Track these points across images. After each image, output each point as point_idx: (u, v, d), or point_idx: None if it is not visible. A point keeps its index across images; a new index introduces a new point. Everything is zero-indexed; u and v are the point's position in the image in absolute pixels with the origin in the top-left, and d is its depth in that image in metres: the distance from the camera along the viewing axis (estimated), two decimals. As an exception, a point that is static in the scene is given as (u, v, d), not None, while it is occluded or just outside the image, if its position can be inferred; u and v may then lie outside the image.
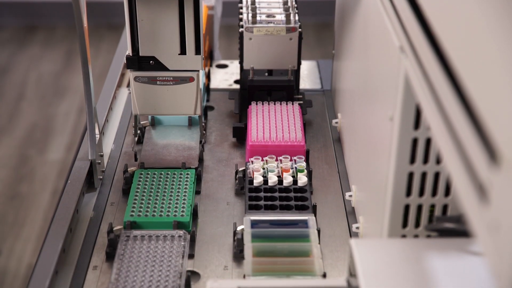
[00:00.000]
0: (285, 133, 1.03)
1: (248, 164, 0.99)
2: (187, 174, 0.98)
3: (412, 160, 0.71)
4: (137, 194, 0.94)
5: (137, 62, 0.97)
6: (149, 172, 0.98)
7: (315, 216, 0.90)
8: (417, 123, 0.69)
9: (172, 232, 0.87)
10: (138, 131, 1.07)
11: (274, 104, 1.11)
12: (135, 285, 0.79)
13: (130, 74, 0.98)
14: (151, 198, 0.93)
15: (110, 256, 0.86)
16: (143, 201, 0.92)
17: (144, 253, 0.84)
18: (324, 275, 0.80)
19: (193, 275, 0.84)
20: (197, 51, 0.97)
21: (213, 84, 1.30)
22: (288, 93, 1.14)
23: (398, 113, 0.69)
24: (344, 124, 1.08)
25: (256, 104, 1.11)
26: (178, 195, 0.93)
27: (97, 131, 1.00)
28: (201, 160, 1.06)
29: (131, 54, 0.97)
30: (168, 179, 0.97)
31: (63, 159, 2.23)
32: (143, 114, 1.02)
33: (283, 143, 1.01)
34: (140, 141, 1.08)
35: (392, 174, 0.72)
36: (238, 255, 0.87)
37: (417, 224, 0.75)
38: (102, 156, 1.01)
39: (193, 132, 1.10)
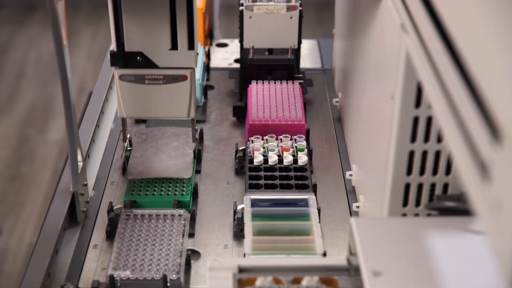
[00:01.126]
0: (285, 112, 1.03)
1: (248, 143, 0.98)
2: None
3: (413, 138, 0.71)
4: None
5: (122, 58, 0.86)
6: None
7: (315, 195, 0.90)
8: (418, 102, 0.69)
9: (172, 211, 0.87)
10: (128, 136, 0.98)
11: (275, 83, 1.10)
12: (136, 264, 0.79)
13: (115, 72, 0.87)
14: (151, 178, 0.93)
15: (110, 235, 0.86)
16: (143, 180, 0.92)
17: (144, 232, 0.84)
18: (324, 254, 0.80)
19: (193, 253, 0.84)
20: (190, 46, 0.85)
21: (213, 63, 1.29)
22: (288, 72, 1.14)
23: (399, 92, 0.68)
24: (345, 103, 1.08)
25: (256, 83, 1.11)
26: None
27: (80, 158, 0.89)
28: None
29: (115, 50, 0.86)
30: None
31: (63, 139, 2.22)
32: (129, 117, 0.91)
33: (283, 122, 1.01)
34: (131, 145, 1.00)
35: (393, 152, 0.72)
36: (238, 234, 0.87)
37: (417, 203, 0.75)
38: (86, 185, 0.92)
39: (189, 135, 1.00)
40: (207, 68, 1.24)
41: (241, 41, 1.13)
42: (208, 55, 1.26)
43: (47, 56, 2.73)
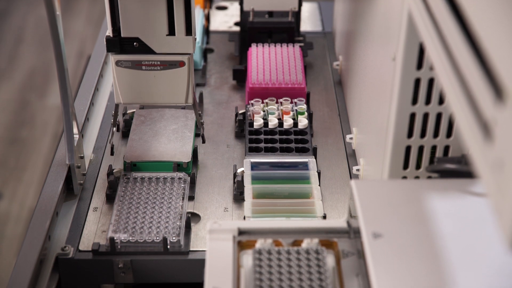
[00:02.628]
0: (285, 75, 1.02)
1: (248, 106, 0.98)
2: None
3: (414, 101, 0.70)
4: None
5: (118, 44, 0.83)
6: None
7: (316, 158, 0.90)
8: (419, 63, 0.68)
9: (172, 174, 0.87)
10: (119, 121, 0.97)
11: (275, 46, 1.09)
12: (136, 226, 0.79)
13: (112, 58, 0.85)
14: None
15: (110, 198, 0.86)
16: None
17: (144, 195, 0.84)
18: (324, 217, 0.81)
19: (193, 216, 0.84)
20: (188, 32, 0.83)
21: (213, 26, 1.28)
22: (288, 35, 1.13)
23: (401, 53, 0.68)
24: (345, 66, 1.07)
25: (256, 46, 1.10)
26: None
27: (75, 131, 0.86)
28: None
29: (111, 35, 0.83)
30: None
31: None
32: (127, 103, 0.88)
33: (283, 85, 1.00)
34: (125, 135, 0.98)
35: (394, 115, 0.71)
36: (238, 197, 0.87)
37: (418, 166, 0.74)
38: (82, 158, 0.90)
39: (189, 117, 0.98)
40: (206, 31, 1.22)
41: (241, 4, 1.12)
42: (207, 18, 1.24)
43: (46, 21, 2.70)
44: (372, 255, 0.57)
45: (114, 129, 0.92)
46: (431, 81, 0.69)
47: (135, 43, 0.84)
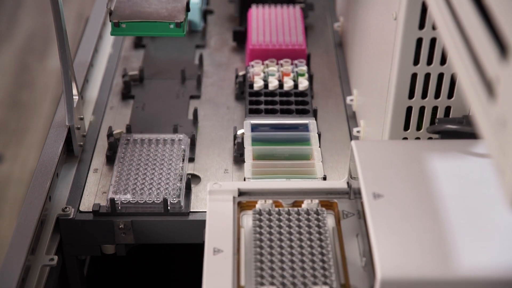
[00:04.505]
0: (286, 36, 1.01)
1: (248, 68, 0.97)
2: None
3: (416, 61, 0.70)
4: None
5: None
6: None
7: (316, 120, 0.90)
8: (422, 23, 0.67)
9: (172, 136, 0.87)
10: None
11: (275, 7, 1.08)
12: (136, 188, 0.79)
13: None
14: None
15: (110, 159, 0.86)
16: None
17: (144, 156, 0.84)
18: (324, 178, 0.80)
19: (193, 178, 0.84)
20: None
21: (213, -13, 1.26)
22: (289, -4, 1.11)
23: (402, 12, 0.67)
24: (346, 27, 1.06)
25: (257, 7, 1.08)
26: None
27: (75, 92, 0.85)
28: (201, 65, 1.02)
29: None
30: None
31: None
32: None
33: (284, 46, 1.00)
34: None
35: (395, 75, 0.71)
36: (239, 159, 0.87)
37: (418, 127, 0.74)
38: (82, 119, 0.89)
39: None
40: (206, -8, 1.21)
41: (241, -36, 1.10)
42: (207, -21, 1.23)
43: (44, -18, 2.68)
44: (372, 215, 0.57)
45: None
46: (433, 41, 0.68)
47: None
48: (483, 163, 0.61)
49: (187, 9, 0.83)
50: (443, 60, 0.70)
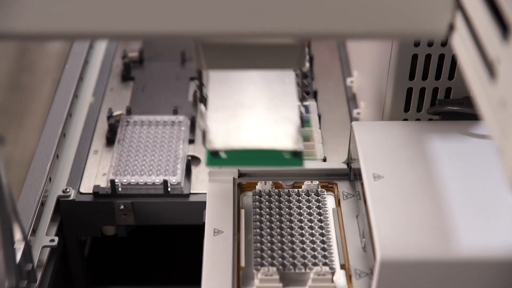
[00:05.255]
0: (286, 17, 1.00)
1: (248, 49, 0.97)
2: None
3: (417, 42, 0.69)
4: None
5: None
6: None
7: (316, 101, 0.89)
8: (423, 4, 0.67)
9: (172, 118, 0.87)
10: None
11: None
12: (136, 169, 0.79)
13: None
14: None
15: (110, 141, 0.86)
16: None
17: (144, 138, 0.84)
18: (324, 160, 0.80)
19: (193, 159, 0.84)
20: None
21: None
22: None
23: (403, -7, 0.66)
24: (348, 8, 1.05)
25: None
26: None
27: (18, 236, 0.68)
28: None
29: None
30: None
31: (62, 50, 2.20)
32: None
33: (284, 28, 0.99)
34: None
35: (396, 56, 0.70)
36: (239, 141, 0.86)
37: (419, 109, 0.74)
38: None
39: None
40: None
41: None
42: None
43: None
44: (372, 196, 0.57)
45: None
46: (434, 22, 0.68)
47: None
48: (483, 144, 0.61)
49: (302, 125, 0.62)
50: (444, 41, 0.69)
